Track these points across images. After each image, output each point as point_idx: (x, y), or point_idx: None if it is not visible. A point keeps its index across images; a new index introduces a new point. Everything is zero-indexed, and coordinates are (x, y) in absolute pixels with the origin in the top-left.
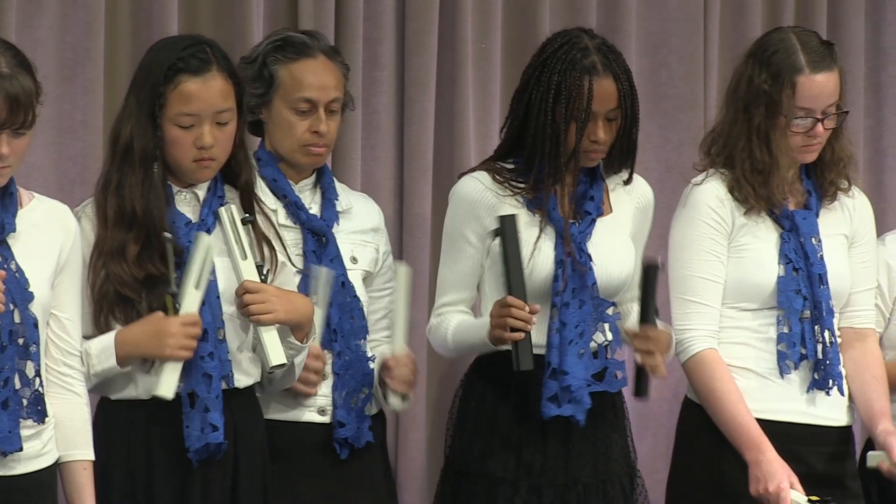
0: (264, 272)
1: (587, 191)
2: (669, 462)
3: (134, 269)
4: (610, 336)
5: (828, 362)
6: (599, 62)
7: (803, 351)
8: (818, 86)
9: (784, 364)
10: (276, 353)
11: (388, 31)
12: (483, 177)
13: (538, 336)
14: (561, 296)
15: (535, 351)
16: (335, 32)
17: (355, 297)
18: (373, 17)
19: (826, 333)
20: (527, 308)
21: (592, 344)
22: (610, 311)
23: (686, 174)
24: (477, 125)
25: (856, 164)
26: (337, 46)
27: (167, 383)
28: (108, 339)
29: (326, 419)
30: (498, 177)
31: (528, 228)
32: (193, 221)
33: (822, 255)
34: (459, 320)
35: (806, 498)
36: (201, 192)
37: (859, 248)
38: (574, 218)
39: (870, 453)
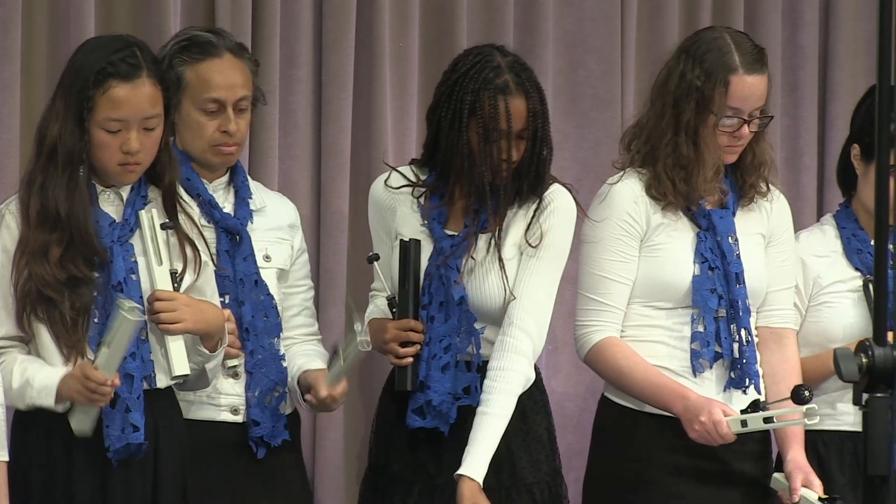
0: (178, 280)
1: (479, 208)
2: (586, 460)
3: (56, 270)
4: (475, 351)
5: (744, 361)
6: (512, 81)
7: (718, 349)
8: (749, 87)
9: (697, 363)
10: (180, 364)
11: (305, 29)
12: (393, 174)
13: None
14: (427, 309)
15: None
16: (252, 31)
17: (269, 294)
18: (290, 15)
19: (742, 332)
20: (419, 334)
21: (465, 356)
22: (477, 325)
23: (602, 174)
24: (394, 124)
25: (775, 168)
26: (254, 45)
27: (81, 421)
28: (52, 379)
29: (240, 419)
30: (408, 173)
31: (413, 236)
32: (117, 221)
33: (738, 254)
34: (371, 311)
35: (739, 415)
36: (125, 192)
37: (776, 248)
38: (458, 232)
39: (775, 475)
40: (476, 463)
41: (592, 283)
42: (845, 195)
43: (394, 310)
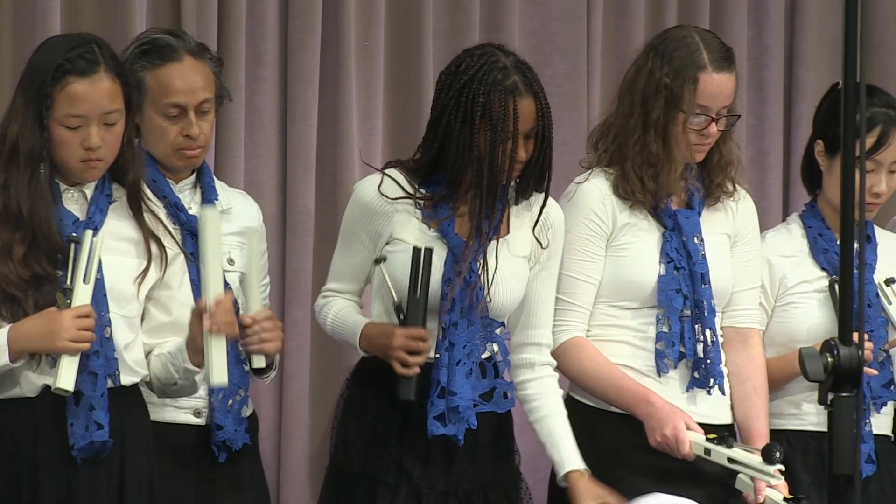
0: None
1: (489, 210)
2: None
3: (20, 269)
4: (499, 356)
5: (708, 361)
6: (521, 81)
7: (682, 349)
8: (718, 85)
9: (662, 363)
10: (220, 371)
11: (271, 28)
12: (386, 179)
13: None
14: (449, 315)
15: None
16: (218, 30)
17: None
18: (256, 14)
19: (707, 332)
20: (427, 344)
21: (481, 363)
22: (499, 331)
23: (569, 173)
24: (360, 123)
25: (742, 167)
26: (220, 44)
27: (66, 376)
28: (0, 336)
29: (202, 421)
30: (402, 180)
31: (419, 242)
32: (81, 220)
33: (704, 255)
34: (340, 307)
35: (704, 436)
36: (89, 190)
37: (742, 248)
38: (469, 237)
39: (740, 476)
40: (576, 456)
41: (560, 283)
42: (811, 194)
43: (401, 316)
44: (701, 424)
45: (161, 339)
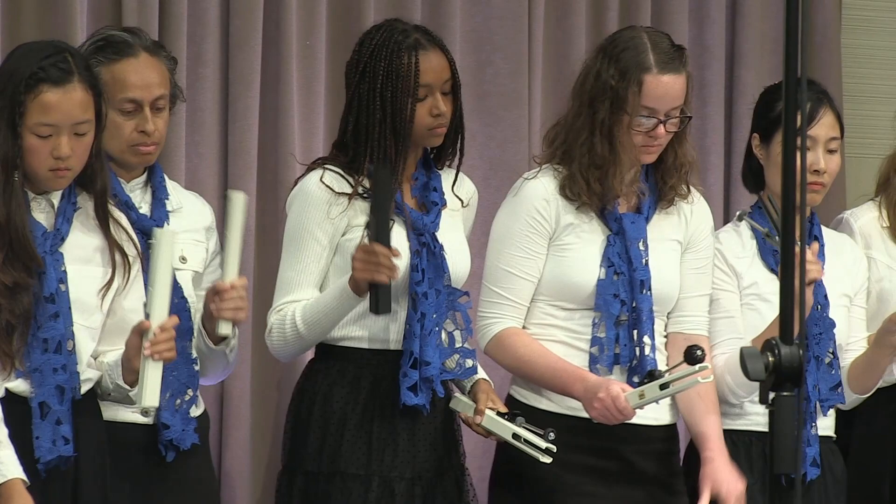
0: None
1: (428, 182)
2: (492, 458)
3: (1, 275)
4: (462, 324)
5: (646, 369)
6: (422, 38)
7: (617, 352)
8: (664, 86)
9: (595, 368)
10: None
11: (212, 27)
12: (326, 172)
13: (394, 332)
14: (419, 285)
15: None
16: (159, 29)
17: (183, 297)
18: (197, 13)
19: (645, 339)
20: (392, 255)
21: (444, 334)
22: (462, 299)
23: (510, 171)
24: (301, 122)
25: (697, 170)
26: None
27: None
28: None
29: (149, 420)
30: (341, 175)
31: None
32: (48, 230)
33: (646, 261)
34: (305, 302)
35: (638, 389)
36: (56, 199)
37: (694, 254)
38: (420, 209)
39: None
40: None
41: (497, 277)
42: (753, 194)
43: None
44: (639, 425)
45: (107, 346)
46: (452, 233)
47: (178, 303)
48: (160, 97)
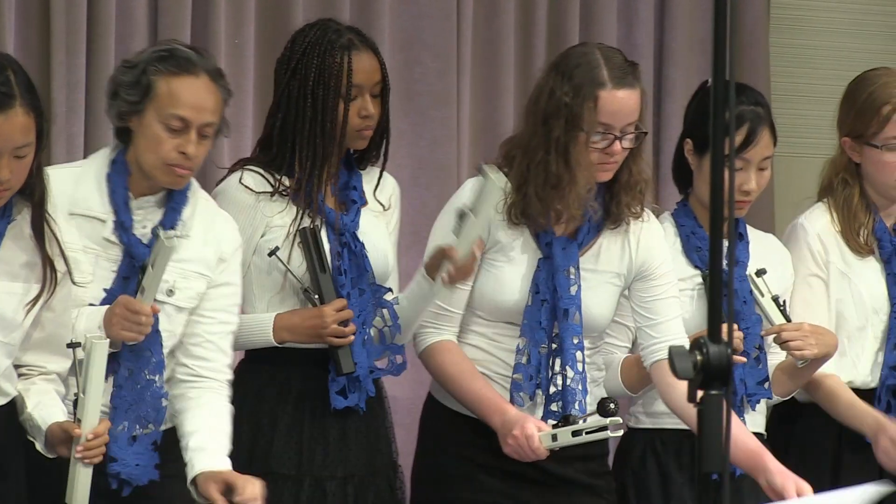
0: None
1: (348, 181)
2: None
3: None
4: (389, 321)
5: (566, 398)
6: (355, 38)
7: (538, 380)
8: (619, 102)
9: (518, 396)
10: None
11: (140, 26)
12: (245, 173)
13: None
14: (344, 287)
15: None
16: (87, 28)
17: (157, 331)
18: (125, 12)
19: (567, 368)
20: (351, 312)
21: (374, 330)
22: (388, 296)
23: (439, 170)
24: (229, 119)
25: (652, 188)
26: (89, 42)
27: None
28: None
29: None
30: (261, 174)
31: (294, 224)
32: None
33: (574, 289)
34: (246, 320)
35: (550, 429)
36: None
37: (651, 283)
38: (340, 208)
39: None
40: None
41: None
42: (682, 193)
43: (315, 296)
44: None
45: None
46: (374, 231)
47: (153, 336)
48: (209, 124)
